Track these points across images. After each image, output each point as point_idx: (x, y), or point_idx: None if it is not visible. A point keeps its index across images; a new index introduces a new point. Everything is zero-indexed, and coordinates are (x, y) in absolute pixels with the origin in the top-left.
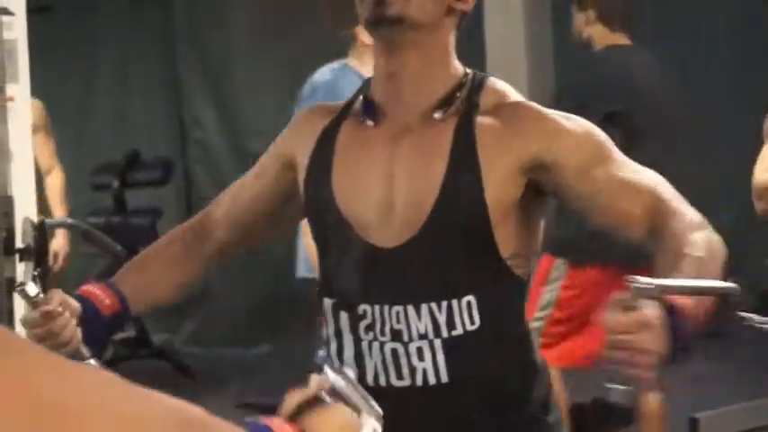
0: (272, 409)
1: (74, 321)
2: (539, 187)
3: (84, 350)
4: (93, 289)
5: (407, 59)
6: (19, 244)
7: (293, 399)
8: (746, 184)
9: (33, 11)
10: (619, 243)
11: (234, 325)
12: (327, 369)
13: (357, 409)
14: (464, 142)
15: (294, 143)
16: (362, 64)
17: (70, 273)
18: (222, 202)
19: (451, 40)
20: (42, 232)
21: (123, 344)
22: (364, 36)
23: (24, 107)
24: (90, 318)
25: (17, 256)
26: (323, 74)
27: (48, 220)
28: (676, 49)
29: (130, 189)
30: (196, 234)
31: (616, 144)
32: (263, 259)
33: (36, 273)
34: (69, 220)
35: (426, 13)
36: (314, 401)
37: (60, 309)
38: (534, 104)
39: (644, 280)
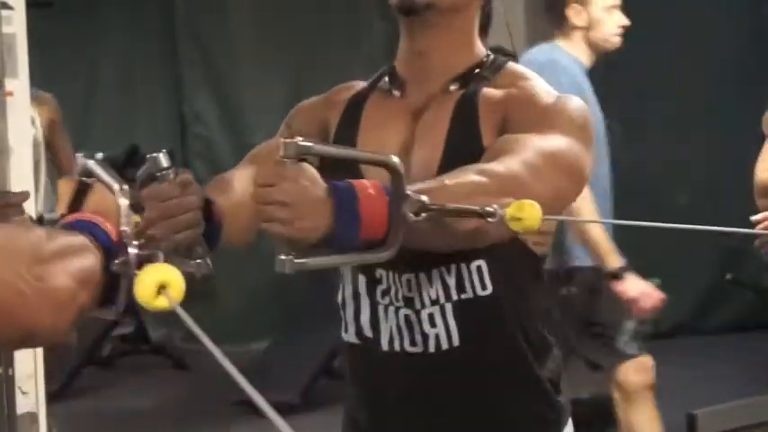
0: (271, 404)
1: (200, 211)
2: None
3: (201, 246)
4: (203, 190)
5: (434, 40)
6: None
7: (65, 191)
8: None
9: (34, 6)
10: None
11: (233, 321)
12: (79, 156)
13: (110, 187)
14: (465, 110)
15: (327, 110)
16: (572, 45)
17: None
18: (262, 154)
19: (476, 21)
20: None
21: (122, 339)
22: (576, 18)
23: (23, 102)
24: (205, 214)
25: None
26: (542, 52)
27: (46, 215)
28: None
29: (130, 184)
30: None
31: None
32: (263, 255)
33: None
34: None
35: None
36: (81, 186)
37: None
38: (537, 81)
39: (297, 139)
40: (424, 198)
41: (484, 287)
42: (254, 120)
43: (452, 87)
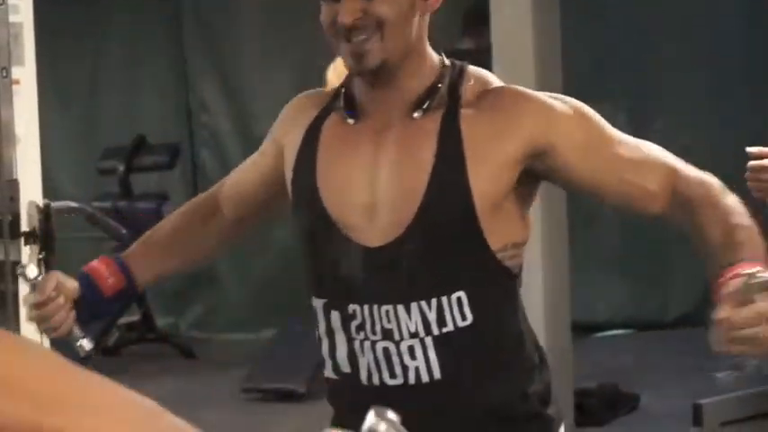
0: (276, 393)
1: (67, 305)
2: (534, 173)
3: (77, 331)
4: (99, 266)
5: (390, 77)
6: (24, 227)
7: None
8: None
9: None
10: None
11: (239, 310)
12: (371, 413)
13: None
14: (449, 138)
15: (285, 134)
16: None
17: (77, 257)
18: (229, 181)
19: (424, 35)
20: (48, 216)
21: (129, 328)
22: None
23: (30, 90)
24: (88, 298)
25: (22, 240)
26: None
27: (53, 204)
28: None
29: (137, 173)
30: (206, 210)
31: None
32: (268, 244)
33: (41, 256)
34: (74, 204)
35: (402, 44)
36: None
37: (54, 293)
38: (517, 88)
39: (754, 271)
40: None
41: (464, 318)
42: (260, 108)
43: (416, 114)
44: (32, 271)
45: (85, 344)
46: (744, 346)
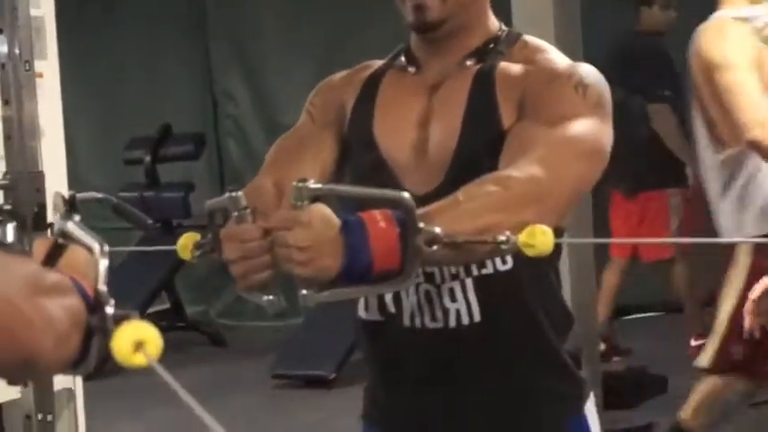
0: (306, 379)
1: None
2: None
3: (275, 284)
4: None
5: (443, 28)
6: (50, 219)
7: (38, 251)
8: None
9: None
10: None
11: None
12: (56, 217)
13: (90, 248)
14: (482, 84)
15: (345, 90)
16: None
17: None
18: (290, 156)
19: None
20: (73, 207)
21: (158, 316)
22: None
23: (53, 84)
24: None
25: (48, 231)
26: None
27: (78, 195)
28: None
29: (163, 163)
30: (276, 193)
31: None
32: None
33: None
34: (100, 195)
35: (462, 3)
36: (55, 248)
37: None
38: (553, 53)
39: (306, 182)
40: (437, 230)
41: (504, 261)
42: (285, 98)
43: (468, 62)
44: (243, 199)
45: (282, 299)
46: (281, 250)
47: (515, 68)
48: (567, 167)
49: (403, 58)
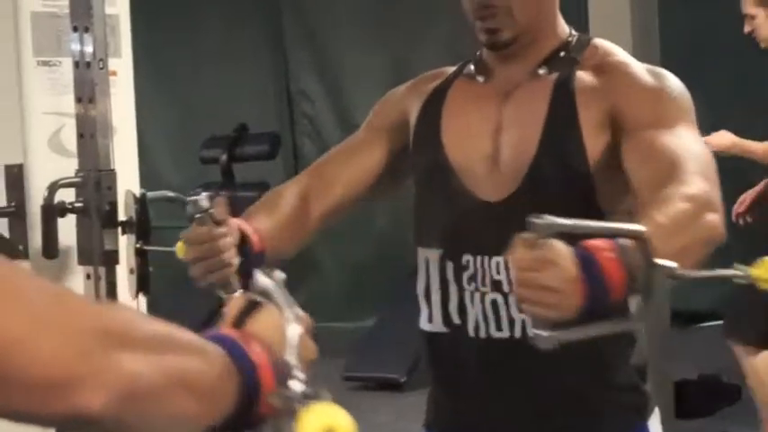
0: (377, 381)
1: (234, 249)
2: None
3: (234, 281)
4: (242, 224)
5: (515, 44)
6: (121, 217)
7: (233, 305)
8: None
9: None
10: None
11: (340, 298)
12: (256, 272)
13: (281, 309)
14: (563, 95)
15: (410, 99)
16: None
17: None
18: (334, 160)
19: (555, 3)
20: (144, 205)
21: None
22: None
23: (127, 82)
24: (243, 250)
25: (119, 229)
26: None
27: (149, 194)
28: None
29: (239, 163)
30: (313, 191)
31: None
32: (369, 234)
33: (138, 245)
34: (171, 194)
35: (533, 17)
36: (250, 306)
37: (227, 229)
38: (629, 60)
39: (547, 218)
40: (674, 265)
41: None
42: (360, 98)
43: (541, 71)
44: (205, 202)
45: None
46: (529, 291)
47: (595, 78)
48: (714, 180)
49: (472, 67)
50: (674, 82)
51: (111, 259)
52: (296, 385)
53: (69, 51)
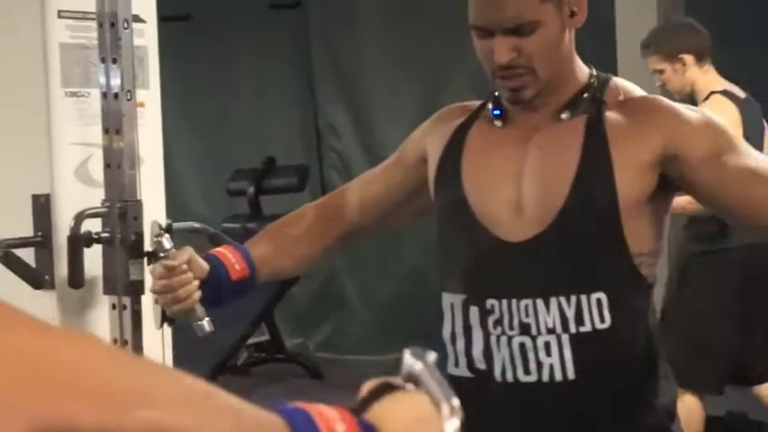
0: None
1: (195, 282)
2: (669, 181)
3: (200, 310)
4: (226, 252)
5: (538, 97)
6: (147, 247)
7: (365, 387)
8: None
9: (172, 19)
10: None
11: (366, 331)
12: (406, 352)
13: (436, 400)
14: (595, 138)
15: (429, 138)
16: None
17: None
18: (355, 186)
19: (572, 48)
20: (170, 236)
21: (257, 348)
22: None
23: (155, 113)
24: (216, 280)
25: (145, 260)
26: None
27: (175, 224)
28: None
29: (266, 195)
30: (328, 213)
31: None
32: (397, 266)
33: None
34: (197, 225)
35: (555, 69)
36: (388, 387)
37: (185, 267)
38: (659, 97)
39: None
40: None
41: (603, 320)
42: (387, 131)
43: (564, 116)
44: (167, 242)
45: (206, 324)
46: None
47: (628, 119)
48: None
49: (490, 110)
50: (713, 114)
51: (136, 289)
52: None
53: (97, 83)
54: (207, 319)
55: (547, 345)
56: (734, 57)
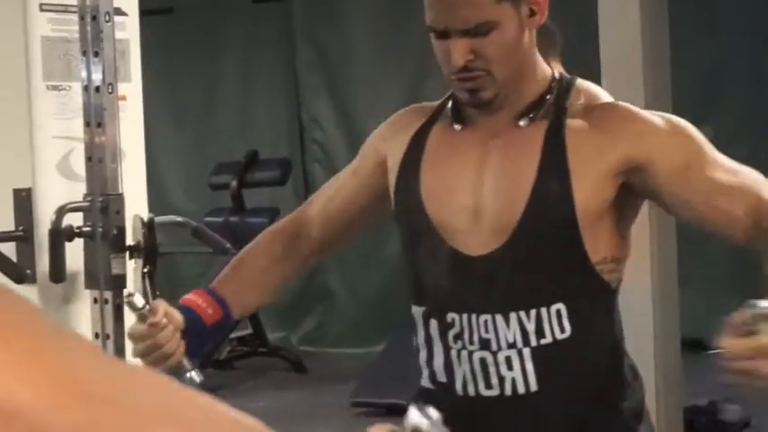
0: (386, 407)
1: (178, 334)
2: (632, 189)
3: (187, 362)
4: (196, 299)
5: (496, 98)
6: (129, 241)
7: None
8: None
9: (155, 12)
10: None
11: (350, 324)
12: (411, 409)
13: None
14: (554, 147)
15: (387, 143)
16: None
17: (187, 272)
18: (318, 200)
19: (533, 48)
20: (152, 230)
21: (240, 341)
22: None
23: (136, 106)
24: (193, 329)
25: (127, 254)
26: None
27: (158, 218)
28: None
29: (249, 189)
30: (293, 233)
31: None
32: (379, 259)
33: (145, 270)
34: (179, 219)
35: (513, 70)
36: None
37: (165, 320)
38: (624, 104)
39: (763, 303)
40: None
41: (563, 330)
42: (371, 124)
43: (522, 123)
44: (139, 300)
45: (195, 376)
46: (744, 378)
47: (591, 128)
48: None
49: (449, 112)
50: (679, 120)
51: (118, 283)
52: None
53: (79, 76)
54: (195, 370)
55: (508, 359)
56: (718, 45)
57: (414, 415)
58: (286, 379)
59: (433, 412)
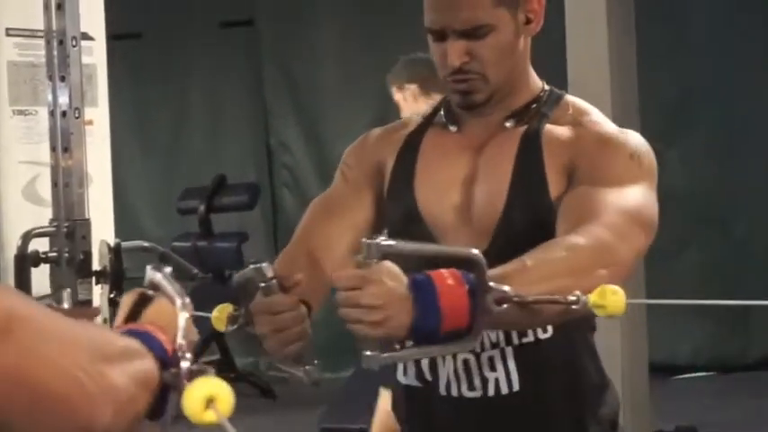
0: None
1: (307, 321)
2: None
3: (308, 354)
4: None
5: (489, 101)
6: (96, 266)
7: (127, 300)
8: None
9: (122, 37)
10: None
11: (319, 350)
12: (148, 268)
13: (172, 300)
14: (529, 147)
15: (384, 148)
16: None
17: None
18: (319, 221)
19: (527, 56)
20: (118, 255)
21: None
22: None
23: (104, 130)
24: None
25: (93, 279)
26: None
27: (124, 244)
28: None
29: (217, 213)
30: (312, 257)
31: None
32: None
33: (112, 296)
34: (146, 244)
35: (507, 74)
36: (142, 298)
37: (294, 299)
38: (593, 113)
39: (381, 238)
40: (507, 288)
41: (545, 329)
42: (340, 149)
43: (508, 124)
44: (268, 270)
45: (314, 370)
46: (351, 310)
47: (563, 132)
48: (632, 236)
49: (443, 113)
50: (637, 142)
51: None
52: (184, 364)
53: (45, 100)
54: (315, 364)
55: (491, 359)
56: (687, 62)
57: (150, 272)
58: (255, 405)
59: (166, 268)
